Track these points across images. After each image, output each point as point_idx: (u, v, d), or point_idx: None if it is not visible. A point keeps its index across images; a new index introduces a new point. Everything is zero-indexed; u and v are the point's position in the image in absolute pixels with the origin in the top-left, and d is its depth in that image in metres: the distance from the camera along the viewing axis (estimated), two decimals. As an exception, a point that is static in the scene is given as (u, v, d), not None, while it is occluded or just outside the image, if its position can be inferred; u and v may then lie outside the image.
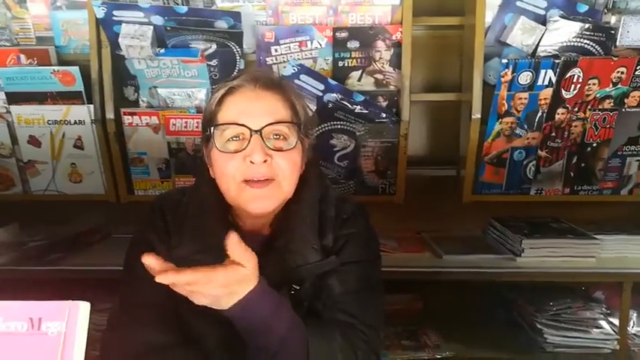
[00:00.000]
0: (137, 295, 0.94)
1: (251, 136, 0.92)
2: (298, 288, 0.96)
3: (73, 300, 1.63)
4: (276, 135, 0.95)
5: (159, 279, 0.74)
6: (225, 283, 0.80)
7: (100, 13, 1.60)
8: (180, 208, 1.03)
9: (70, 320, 0.55)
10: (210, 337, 0.92)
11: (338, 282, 0.99)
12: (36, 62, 1.73)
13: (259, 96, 0.96)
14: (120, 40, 1.61)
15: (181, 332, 0.92)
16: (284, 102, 0.98)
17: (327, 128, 1.73)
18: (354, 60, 1.71)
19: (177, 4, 1.67)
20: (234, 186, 0.95)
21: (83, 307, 0.56)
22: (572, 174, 1.74)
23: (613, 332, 1.72)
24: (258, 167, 0.93)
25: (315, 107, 1.68)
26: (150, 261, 0.76)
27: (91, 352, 0.64)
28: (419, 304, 1.97)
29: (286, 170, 0.96)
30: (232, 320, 0.85)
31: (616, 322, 1.73)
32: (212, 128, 0.96)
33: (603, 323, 1.75)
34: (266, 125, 0.93)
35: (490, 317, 1.89)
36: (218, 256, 0.90)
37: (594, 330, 1.72)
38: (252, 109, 0.94)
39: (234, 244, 0.81)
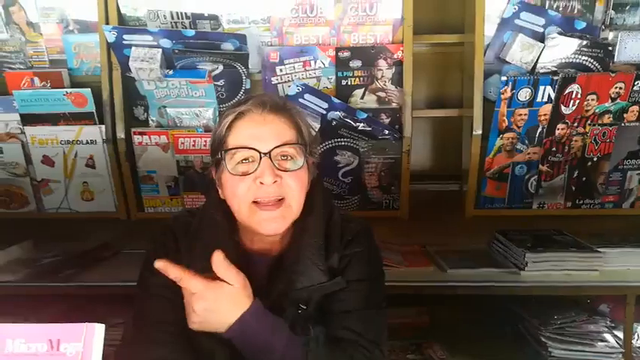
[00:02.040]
0: (150, 313, 0.98)
1: (260, 158, 0.96)
2: (305, 308, 1.00)
3: (86, 319, 1.67)
4: (284, 156, 0.99)
5: (157, 264, 0.87)
6: (205, 295, 0.86)
7: (111, 37, 1.66)
8: (191, 229, 1.06)
9: (87, 341, 0.59)
10: (218, 355, 0.95)
11: (342, 300, 1.02)
12: (49, 84, 1.79)
13: (267, 120, 1.00)
14: (130, 62, 1.67)
15: (192, 350, 0.95)
16: (290, 124, 1.02)
17: (331, 145, 1.76)
18: (357, 78, 1.75)
19: (185, 28, 1.72)
20: (246, 207, 0.99)
21: (98, 329, 0.60)
22: (573, 188, 1.76)
23: (618, 345, 1.72)
24: (268, 188, 0.97)
25: (319, 125, 1.72)
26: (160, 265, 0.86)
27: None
28: (424, 317, 1.98)
29: (295, 190, 0.99)
30: (233, 341, 0.89)
31: (621, 335, 1.74)
32: (223, 152, 1.00)
33: (608, 336, 1.75)
34: (274, 147, 0.97)
35: (495, 331, 1.89)
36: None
37: (599, 343, 1.72)
38: (260, 132, 0.98)
39: (218, 262, 0.87)
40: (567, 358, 1.70)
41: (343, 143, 1.76)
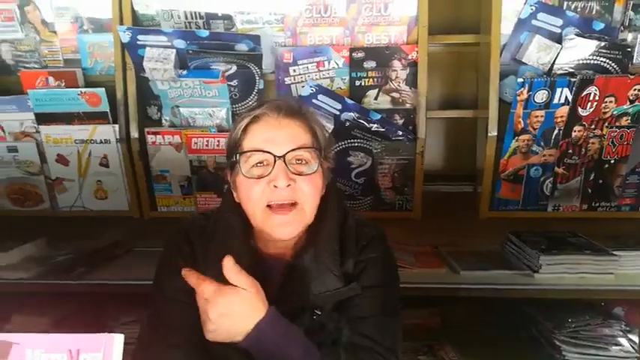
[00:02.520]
0: (166, 316, 0.98)
1: (275, 161, 0.97)
2: (320, 313, 0.99)
3: (98, 317, 1.68)
4: (299, 160, 1.00)
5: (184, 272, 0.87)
6: (219, 300, 0.86)
7: (126, 37, 1.66)
8: (206, 231, 1.07)
9: (106, 352, 0.59)
10: (233, 357, 0.94)
11: (357, 306, 1.02)
12: (64, 84, 1.79)
13: (282, 124, 1.00)
14: (144, 63, 1.67)
15: (208, 355, 0.95)
16: (305, 128, 1.02)
17: (344, 146, 1.76)
18: (371, 79, 1.74)
19: (199, 28, 1.72)
20: (260, 211, 0.99)
21: (118, 339, 0.60)
22: (589, 190, 1.74)
23: (633, 350, 1.70)
24: (281, 191, 0.97)
25: (333, 126, 1.72)
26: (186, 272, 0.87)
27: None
28: (436, 319, 1.97)
29: (308, 194, 0.99)
30: (249, 350, 0.89)
31: (636, 339, 1.72)
32: (237, 155, 1.00)
33: (623, 340, 1.73)
34: (289, 151, 0.97)
35: (508, 333, 1.87)
36: None
37: (613, 347, 1.70)
38: (275, 136, 0.99)
39: (228, 267, 0.87)
40: (581, 362, 1.69)
41: (356, 144, 1.75)
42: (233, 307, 0.87)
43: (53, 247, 1.94)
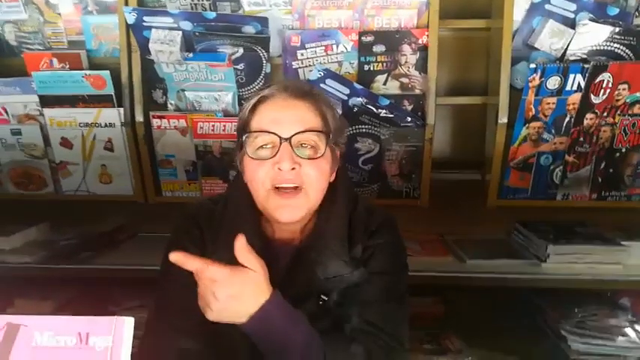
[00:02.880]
0: (172, 301, 0.97)
1: (280, 143, 0.95)
2: (326, 299, 0.98)
3: (102, 302, 1.67)
4: (305, 144, 0.97)
5: (171, 257, 0.83)
6: (230, 281, 0.83)
7: (131, 19, 1.63)
8: (215, 216, 1.05)
9: (117, 335, 0.57)
10: (241, 350, 0.93)
11: (363, 292, 1.00)
12: (68, 66, 1.77)
13: (290, 105, 0.98)
14: (150, 45, 1.64)
15: (215, 341, 0.94)
16: (314, 111, 1.00)
17: (351, 132, 1.73)
18: (380, 64, 1.71)
19: (205, 9, 1.69)
20: (264, 192, 0.97)
21: (128, 323, 0.58)
22: (599, 179, 1.72)
23: (639, 340, 1.69)
24: (286, 174, 0.95)
25: (341, 111, 1.69)
26: (177, 257, 0.83)
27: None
28: (440, 307, 1.96)
29: (313, 179, 0.97)
30: (251, 336, 0.86)
31: (642, 329, 1.71)
32: (244, 135, 0.99)
33: (629, 331, 1.72)
34: (295, 134, 0.95)
35: (514, 323, 1.86)
36: None
37: (620, 338, 1.69)
38: (282, 117, 0.97)
39: (240, 247, 0.84)
40: (587, 352, 1.67)
41: (364, 130, 1.73)
42: (242, 288, 0.85)
43: (57, 232, 1.94)
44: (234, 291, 0.84)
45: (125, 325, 0.59)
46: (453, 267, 1.70)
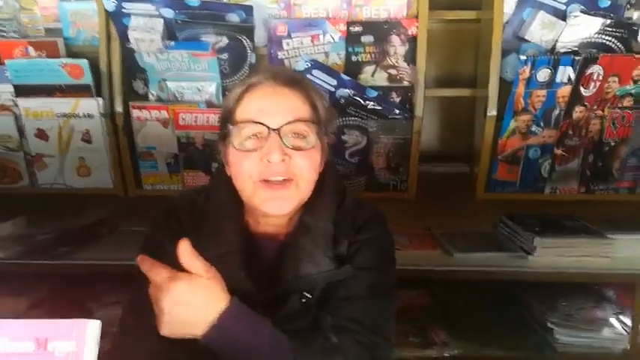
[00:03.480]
0: (148, 300, 0.92)
1: (269, 134, 0.90)
2: (310, 297, 0.94)
3: (82, 298, 1.61)
4: (295, 134, 0.93)
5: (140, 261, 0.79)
6: (169, 287, 0.78)
7: (110, 5, 1.57)
8: (196, 208, 1.01)
9: (79, 339, 0.53)
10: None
11: (347, 288, 0.96)
12: (45, 54, 1.70)
13: (278, 93, 0.94)
14: (129, 32, 1.58)
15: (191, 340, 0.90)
16: (304, 100, 0.95)
17: (339, 124, 1.69)
18: (368, 55, 1.67)
19: (189, -3, 1.63)
20: (250, 186, 0.93)
21: (92, 326, 0.53)
22: (588, 173, 1.71)
23: (625, 332, 1.70)
24: (275, 166, 0.91)
25: (327, 103, 1.65)
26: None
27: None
28: (426, 299, 1.95)
29: (305, 169, 0.93)
30: (211, 347, 0.81)
31: (628, 321, 1.72)
32: (229, 126, 0.94)
33: (614, 322, 1.74)
34: (285, 124, 0.91)
35: (500, 315, 1.87)
36: (231, 263, 0.88)
37: (605, 329, 1.71)
38: (270, 106, 0.92)
39: (183, 252, 0.79)
40: (573, 344, 1.68)
41: (351, 122, 1.69)
42: (189, 295, 0.78)
43: (33, 226, 1.87)
44: (178, 298, 0.78)
45: (88, 329, 0.54)
46: (440, 260, 1.68)
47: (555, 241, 1.64)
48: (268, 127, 0.90)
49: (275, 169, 0.91)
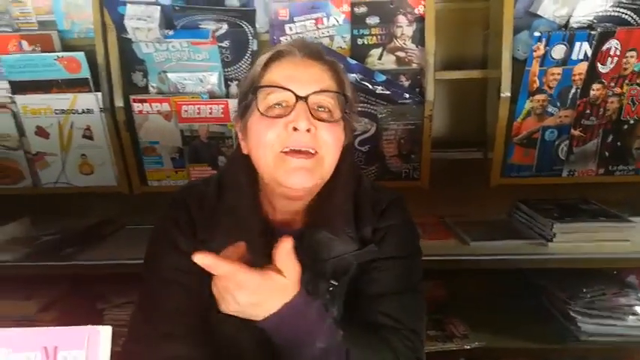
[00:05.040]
0: (161, 301, 0.87)
1: (296, 101, 0.85)
2: (337, 284, 0.90)
3: (90, 299, 1.55)
4: (321, 107, 0.88)
5: (197, 258, 0.70)
6: (257, 290, 0.74)
7: (104, -7, 1.52)
8: (206, 199, 0.95)
9: (90, 347, 0.48)
10: (243, 340, 0.84)
11: (377, 281, 0.92)
12: (39, 48, 1.65)
13: (307, 63, 0.90)
14: (126, 21, 1.53)
15: (210, 342, 0.84)
16: (332, 73, 0.91)
17: (346, 111, 1.64)
18: (374, 37, 1.61)
19: (186, -18, 1.58)
20: (272, 156, 0.87)
21: (104, 332, 0.48)
22: (606, 153, 1.64)
23: (651, 318, 1.64)
24: (300, 136, 0.85)
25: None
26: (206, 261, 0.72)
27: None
28: (442, 291, 1.89)
29: (330, 143, 0.88)
30: (266, 330, 0.78)
31: (652, 307, 1.65)
32: (254, 91, 0.89)
33: (639, 309, 1.67)
34: (313, 92, 0.86)
35: (519, 305, 1.80)
36: (252, 253, 0.83)
37: (630, 317, 1.64)
38: (299, 75, 0.88)
39: (284, 251, 0.76)
40: (597, 333, 1.62)
41: (360, 109, 1.63)
42: (268, 295, 0.76)
43: (38, 227, 1.85)
44: (259, 299, 0.76)
45: (101, 336, 0.49)
46: (456, 250, 1.62)
47: (576, 225, 1.58)
48: (296, 95, 0.85)
49: (300, 139, 0.85)
